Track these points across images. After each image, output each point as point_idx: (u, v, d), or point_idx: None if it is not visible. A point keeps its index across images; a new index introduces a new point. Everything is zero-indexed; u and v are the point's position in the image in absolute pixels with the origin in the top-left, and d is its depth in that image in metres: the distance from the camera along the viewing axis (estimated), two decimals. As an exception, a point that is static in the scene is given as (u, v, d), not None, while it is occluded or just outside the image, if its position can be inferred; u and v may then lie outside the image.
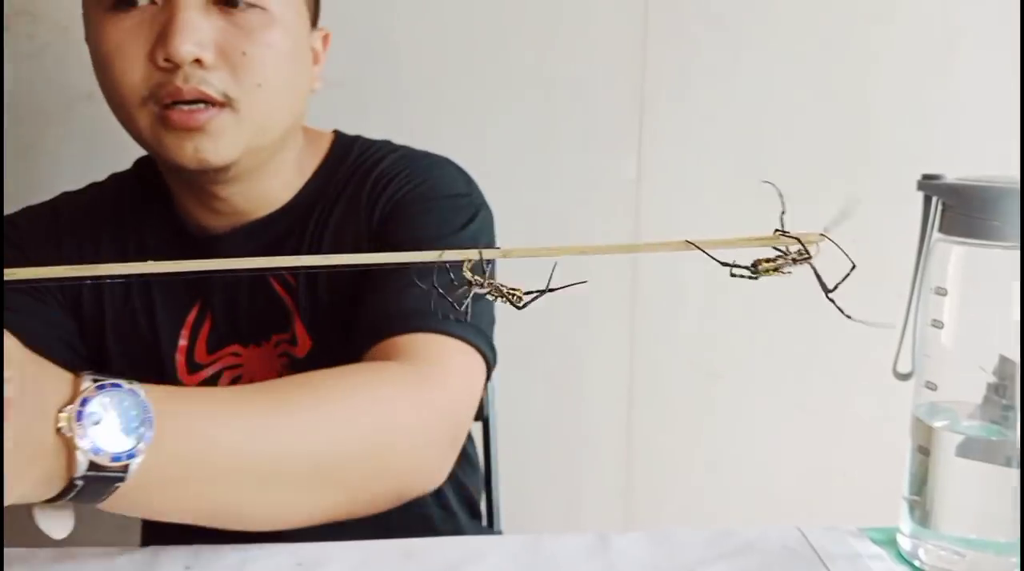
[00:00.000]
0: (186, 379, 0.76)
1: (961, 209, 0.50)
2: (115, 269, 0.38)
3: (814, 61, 1.12)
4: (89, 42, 0.68)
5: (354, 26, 1.09)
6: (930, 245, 0.53)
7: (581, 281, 0.38)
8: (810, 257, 0.37)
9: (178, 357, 0.76)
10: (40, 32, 1.08)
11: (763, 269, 0.37)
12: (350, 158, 0.78)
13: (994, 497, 0.50)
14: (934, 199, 0.53)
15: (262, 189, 0.74)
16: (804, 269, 0.39)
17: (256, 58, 0.66)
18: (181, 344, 0.76)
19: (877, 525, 0.58)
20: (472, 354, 0.66)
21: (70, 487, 0.43)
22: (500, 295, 0.39)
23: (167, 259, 0.39)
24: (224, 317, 0.76)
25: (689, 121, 1.14)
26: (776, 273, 0.37)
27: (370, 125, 0.84)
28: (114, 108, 0.68)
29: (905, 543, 0.54)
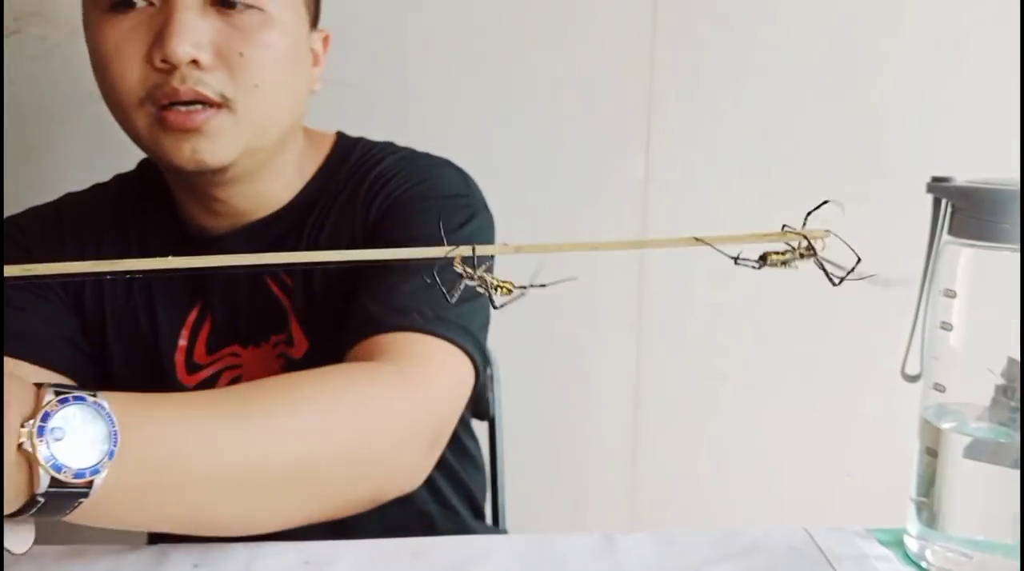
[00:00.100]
0: (185, 379, 0.76)
1: (970, 211, 0.50)
2: (112, 266, 0.38)
3: (822, 62, 1.12)
4: (88, 43, 0.68)
5: (361, 27, 1.09)
6: (939, 247, 0.53)
7: (571, 277, 0.38)
8: (816, 252, 0.37)
9: (177, 357, 0.76)
10: (50, 33, 1.09)
11: (772, 261, 0.38)
12: (351, 159, 0.78)
13: (1002, 499, 0.50)
14: (943, 201, 0.53)
15: (261, 190, 0.74)
16: (812, 270, 0.39)
17: (253, 59, 0.66)
18: (181, 344, 0.76)
19: (884, 526, 0.58)
20: (458, 355, 0.65)
21: (32, 503, 0.42)
22: (487, 287, 0.39)
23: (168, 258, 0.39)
24: (224, 318, 0.76)
25: (697, 121, 1.14)
26: (784, 266, 0.38)
27: (376, 126, 0.84)
28: (112, 109, 0.68)
29: (912, 544, 0.54)
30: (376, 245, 0.72)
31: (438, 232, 0.70)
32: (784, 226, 0.39)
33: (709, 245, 0.36)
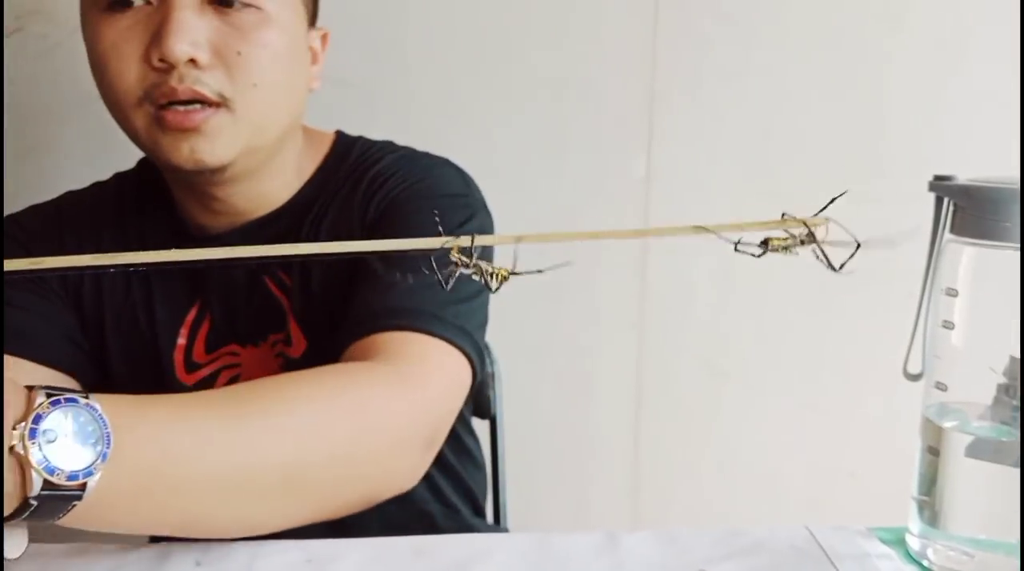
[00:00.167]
0: (184, 377, 0.76)
1: (972, 210, 0.50)
2: (111, 259, 0.37)
3: (825, 60, 1.12)
4: (86, 42, 0.68)
5: (363, 26, 1.09)
6: (941, 246, 0.53)
7: (567, 262, 0.39)
8: (815, 238, 0.38)
9: (176, 356, 0.76)
10: (52, 31, 1.09)
11: (773, 246, 0.38)
12: (350, 159, 0.78)
13: (1004, 498, 0.50)
14: (945, 200, 0.53)
15: (260, 189, 0.74)
16: (813, 269, 0.39)
17: (251, 58, 0.65)
18: (180, 343, 0.76)
19: (886, 525, 0.58)
20: (455, 355, 0.65)
21: (24, 506, 0.41)
22: (483, 274, 0.39)
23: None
24: (223, 317, 0.76)
25: (699, 120, 1.14)
26: (785, 252, 0.38)
27: (378, 125, 0.84)
28: (110, 108, 0.68)
29: (914, 543, 0.54)
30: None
31: (436, 231, 0.71)
32: (784, 214, 0.39)
33: (712, 232, 0.36)
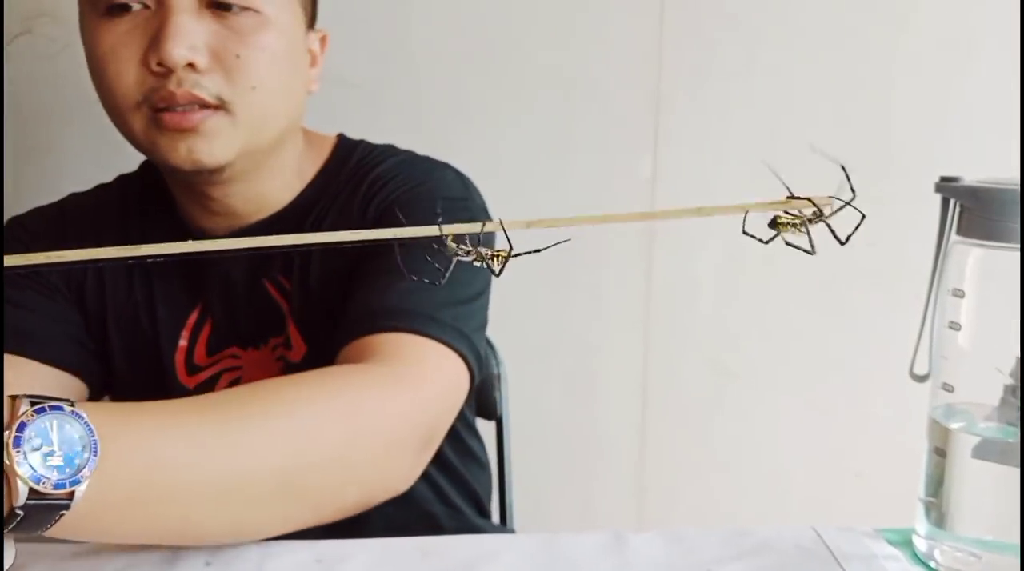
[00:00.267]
0: (185, 380, 0.76)
1: (979, 211, 0.50)
2: (112, 253, 0.37)
3: (830, 61, 1.12)
4: (84, 46, 0.68)
5: (369, 27, 1.09)
6: (948, 247, 0.53)
7: (565, 239, 0.39)
8: (824, 216, 0.38)
9: (177, 357, 0.76)
10: (59, 34, 1.09)
11: (782, 222, 0.39)
12: (351, 162, 0.78)
13: (1010, 499, 0.50)
14: (952, 201, 0.53)
15: (259, 191, 0.74)
16: (819, 268, 0.39)
17: (250, 61, 0.66)
18: (181, 345, 0.76)
19: (893, 526, 0.58)
20: (452, 357, 0.64)
21: (11, 517, 0.40)
22: (482, 259, 0.39)
23: (168, 260, 0.38)
24: (224, 320, 0.76)
25: (705, 121, 1.14)
26: (794, 229, 0.39)
27: (384, 126, 0.85)
28: (108, 111, 0.68)
29: (921, 544, 0.54)
30: (372, 247, 0.71)
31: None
32: (788, 196, 0.40)
33: (719, 213, 0.37)
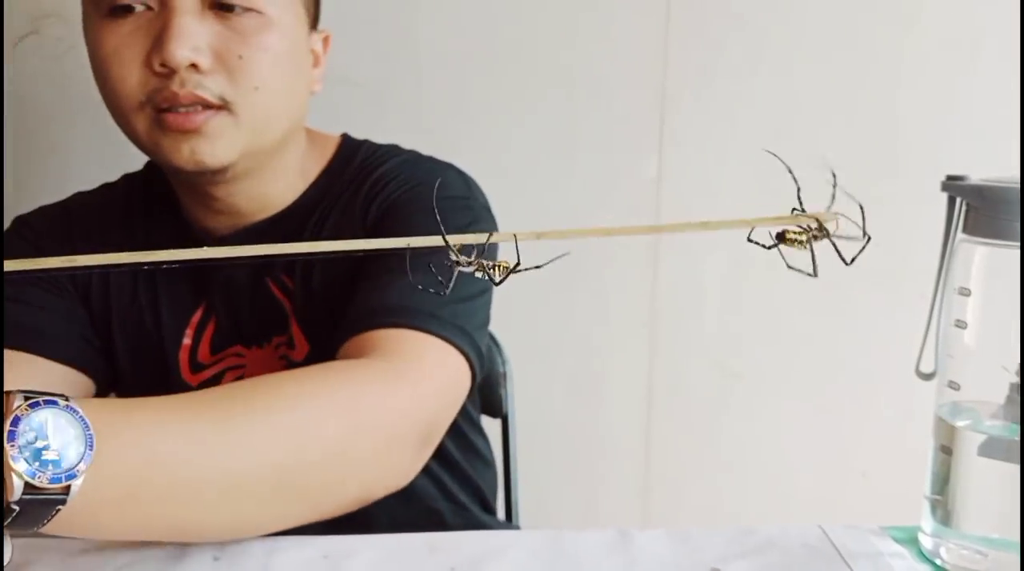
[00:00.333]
0: (189, 378, 0.76)
1: (985, 210, 0.50)
2: (114, 258, 0.37)
3: (836, 61, 1.12)
4: (88, 47, 0.68)
5: (374, 27, 1.10)
6: (954, 246, 0.53)
7: (564, 253, 0.39)
8: (828, 233, 0.38)
9: (181, 356, 0.76)
10: (67, 34, 1.10)
11: (789, 239, 0.39)
12: (355, 162, 0.78)
13: (1016, 496, 0.50)
14: (958, 200, 0.53)
15: (263, 191, 0.74)
16: (825, 267, 0.40)
17: (252, 62, 0.66)
18: (185, 343, 0.76)
19: (899, 524, 0.58)
20: (453, 354, 0.64)
21: (6, 512, 0.40)
22: (484, 269, 0.39)
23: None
24: (227, 318, 0.76)
25: (710, 121, 1.14)
26: (800, 246, 0.39)
27: (389, 125, 0.85)
28: (112, 112, 0.69)
29: (927, 542, 0.55)
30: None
31: (435, 231, 0.69)
32: (794, 209, 0.40)
33: (725, 227, 0.37)
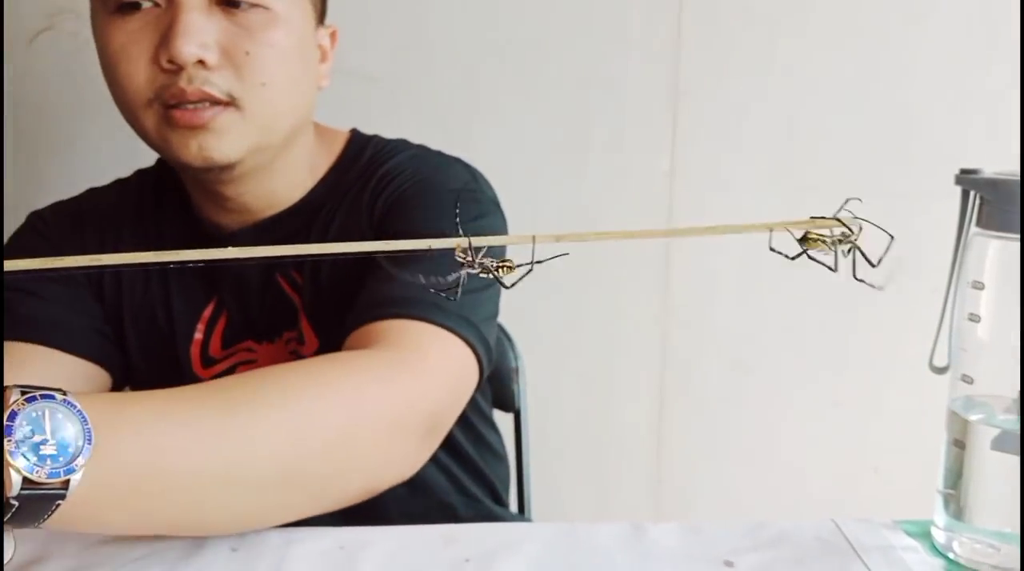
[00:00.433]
0: (201, 372, 0.77)
1: (999, 203, 0.50)
2: (116, 259, 0.38)
3: (849, 56, 1.12)
4: (96, 44, 0.69)
5: (388, 23, 1.10)
6: (967, 239, 0.53)
7: (563, 253, 0.39)
8: (854, 238, 0.38)
9: (193, 350, 0.77)
10: (82, 29, 1.10)
11: (812, 239, 0.39)
12: (363, 158, 0.78)
13: (1030, 491, 0.50)
14: (972, 193, 0.53)
15: (271, 187, 0.74)
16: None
17: (259, 58, 0.66)
18: (196, 337, 0.77)
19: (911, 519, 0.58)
20: (458, 345, 0.64)
21: (6, 507, 0.40)
22: (488, 272, 0.39)
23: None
24: (238, 313, 0.76)
25: (723, 116, 1.14)
26: (822, 246, 0.39)
27: (402, 121, 0.85)
28: (121, 108, 0.69)
29: (939, 536, 0.55)
30: (381, 240, 0.71)
31: (442, 225, 0.70)
32: (812, 216, 0.40)
33: (742, 231, 0.37)
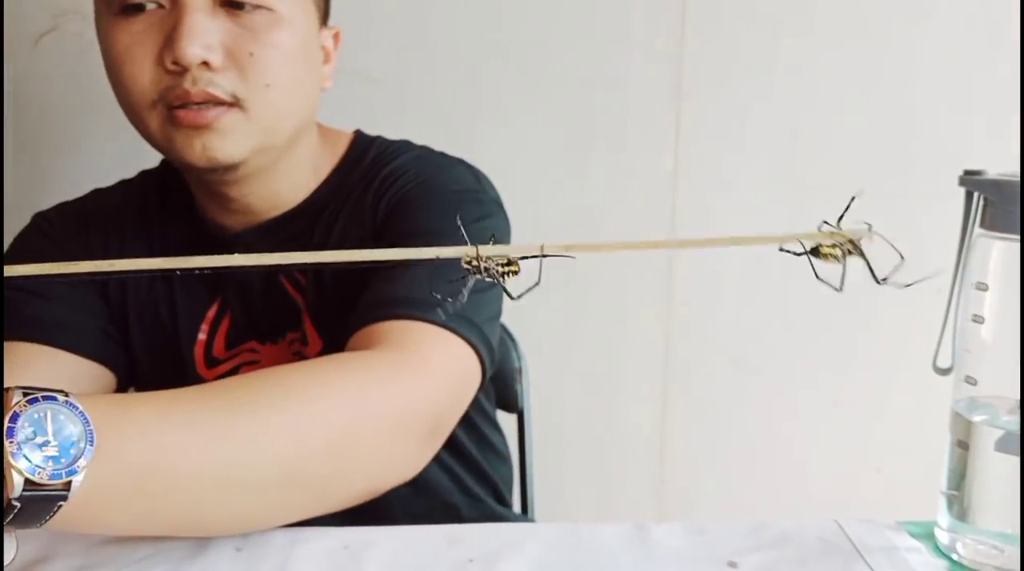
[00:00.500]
0: (204, 372, 0.77)
1: (1003, 204, 0.50)
2: (115, 266, 0.37)
3: (853, 56, 1.12)
4: (100, 45, 0.69)
5: (391, 24, 1.10)
6: (971, 241, 0.53)
7: (569, 254, 0.38)
8: (862, 250, 0.38)
9: (196, 350, 0.77)
10: (87, 30, 1.10)
11: (824, 253, 0.39)
12: (367, 159, 0.78)
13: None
14: (976, 195, 0.53)
15: (275, 188, 0.74)
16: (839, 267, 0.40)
17: (263, 59, 0.66)
18: (200, 338, 0.77)
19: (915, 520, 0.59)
20: (461, 345, 0.64)
21: (8, 509, 0.40)
22: (495, 277, 0.39)
23: (187, 256, 0.38)
24: (242, 314, 0.77)
25: (726, 116, 1.14)
26: (833, 259, 0.39)
27: (406, 122, 0.85)
28: (125, 109, 0.69)
29: (943, 537, 0.55)
30: (383, 241, 0.72)
31: (444, 226, 0.69)
32: (822, 224, 0.40)
33: (753, 242, 0.37)
